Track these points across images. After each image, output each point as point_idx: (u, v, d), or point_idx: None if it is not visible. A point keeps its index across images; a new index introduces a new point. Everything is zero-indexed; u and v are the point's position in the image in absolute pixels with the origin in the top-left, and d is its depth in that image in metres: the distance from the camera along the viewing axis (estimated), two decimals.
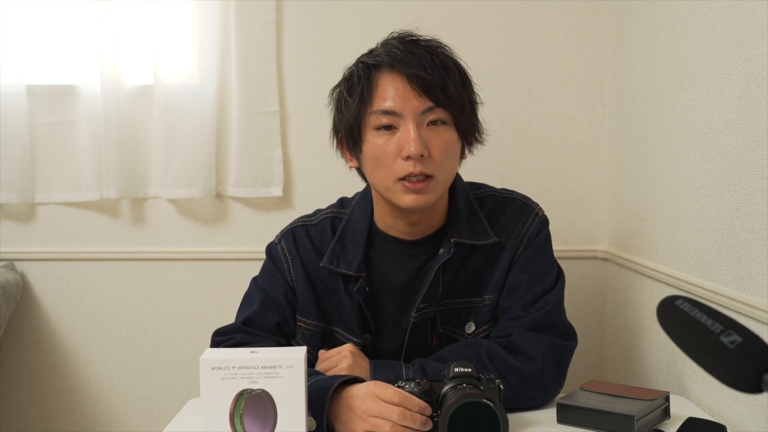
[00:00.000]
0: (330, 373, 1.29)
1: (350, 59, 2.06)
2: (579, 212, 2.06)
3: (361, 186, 1.54)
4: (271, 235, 1.56)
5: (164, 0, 2.00)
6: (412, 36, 1.37)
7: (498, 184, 1.56)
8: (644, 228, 1.76)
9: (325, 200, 1.60)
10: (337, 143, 1.43)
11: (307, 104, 2.05)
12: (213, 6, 1.99)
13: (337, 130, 1.42)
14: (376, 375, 1.30)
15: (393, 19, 2.00)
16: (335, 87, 1.42)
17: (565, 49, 2.02)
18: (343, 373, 1.26)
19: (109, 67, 1.99)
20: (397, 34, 1.38)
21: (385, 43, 1.37)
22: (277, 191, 2.04)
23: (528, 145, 2.04)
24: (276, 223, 2.05)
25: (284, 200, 2.07)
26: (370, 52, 1.38)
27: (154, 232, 2.09)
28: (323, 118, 2.04)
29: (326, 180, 2.05)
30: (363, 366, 1.31)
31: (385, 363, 1.34)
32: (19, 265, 2.08)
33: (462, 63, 1.38)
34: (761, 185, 1.24)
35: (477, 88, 1.41)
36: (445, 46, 1.37)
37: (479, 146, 1.44)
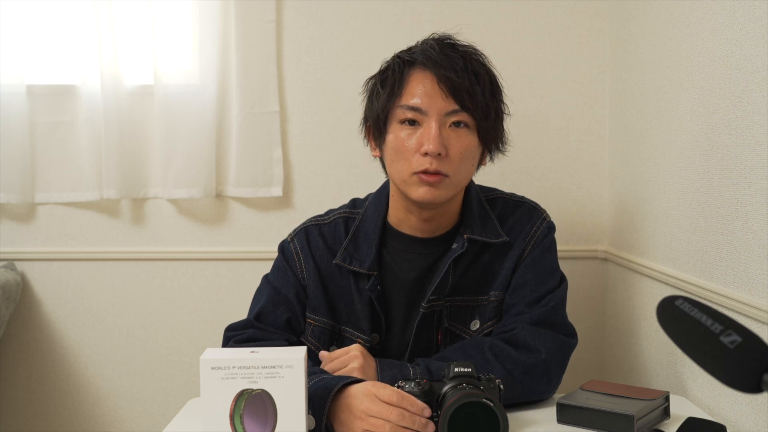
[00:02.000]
0: (339, 374, 1.29)
1: (350, 59, 2.07)
2: (579, 212, 2.06)
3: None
4: (271, 235, 1.56)
5: (164, 0, 2.00)
6: (450, 39, 1.41)
7: (497, 184, 1.57)
8: (644, 228, 1.76)
9: (324, 200, 1.61)
10: (365, 132, 1.47)
11: (307, 104, 2.05)
12: (213, 6, 1.98)
13: (366, 119, 1.45)
14: (383, 374, 1.31)
15: (393, 19, 2.00)
16: (370, 78, 1.45)
17: (565, 49, 2.02)
18: (355, 374, 1.27)
19: (109, 67, 1.99)
20: (437, 36, 1.41)
21: (424, 42, 1.41)
22: (277, 191, 2.04)
23: (528, 145, 2.04)
24: (276, 223, 2.05)
25: (284, 200, 2.07)
26: (409, 49, 1.42)
27: (154, 232, 2.09)
28: (323, 118, 2.06)
29: (326, 180, 2.05)
30: (372, 366, 1.32)
31: (391, 363, 1.35)
32: (19, 265, 2.08)
33: (495, 72, 1.41)
34: (761, 185, 1.24)
35: (506, 99, 1.43)
36: (481, 54, 1.41)
37: (504, 156, 1.47)
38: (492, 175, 1.99)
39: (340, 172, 2.05)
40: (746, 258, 1.29)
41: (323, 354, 1.37)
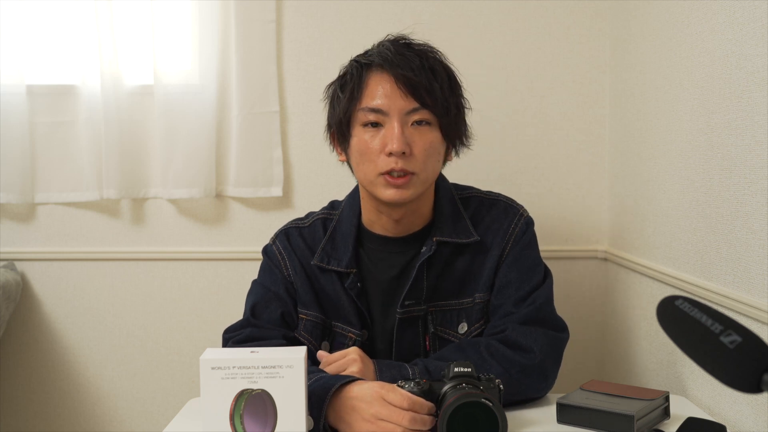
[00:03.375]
0: None
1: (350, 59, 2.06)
2: (579, 212, 2.06)
3: None
4: (271, 235, 1.57)
5: (164, 0, 2.00)
6: (405, 39, 1.42)
7: (497, 184, 1.56)
8: (644, 228, 1.76)
9: (324, 200, 1.61)
10: (330, 138, 1.48)
11: (307, 104, 2.05)
12: (213, 6, 1.98)
13: (330, 126, 1.46)
14: (382, 376, 1.31)
15: (392, 19, 2.00)
16: (330, 84, 1.46)
17: (565, 49, 2.02)
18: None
19: (109, 67, 1.99)
20: (392, 37, 1.42)
21: (379, 45, 1.42)
22: (277, 191, 2.04)
23: (528, 145, 2.04)
24: (276, 223, 2.04)
25: (284, 200, 2.07)
26: (365, 52, 1.43)
27: (154, 232, 2.09)
28: (323, 118, 2.04)
29: (326, 180, 2.05)
30: (371, 369, 1.32)
31: (390, 364, 1.35)
32: (19, 265, 2.08)
33: (453, 68, 1.42)
34: (761, 185, 1.24)
35: (472, 92, 1.44)
36: (437, 51, 1.42)
37: (469, 149, 1.47)
38: (492, 176, 1.99)
39: (340, 172, 2.03)
40: (746, 258, 1.29)
41: (321, 354, 1.37)
